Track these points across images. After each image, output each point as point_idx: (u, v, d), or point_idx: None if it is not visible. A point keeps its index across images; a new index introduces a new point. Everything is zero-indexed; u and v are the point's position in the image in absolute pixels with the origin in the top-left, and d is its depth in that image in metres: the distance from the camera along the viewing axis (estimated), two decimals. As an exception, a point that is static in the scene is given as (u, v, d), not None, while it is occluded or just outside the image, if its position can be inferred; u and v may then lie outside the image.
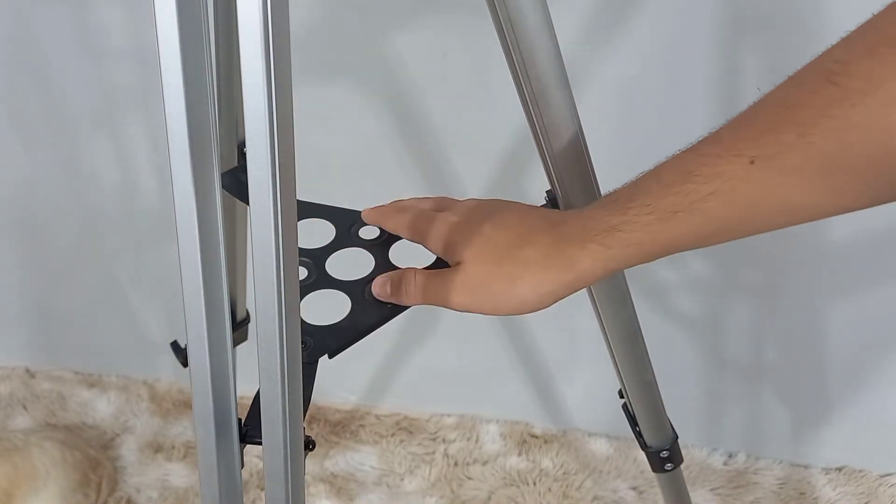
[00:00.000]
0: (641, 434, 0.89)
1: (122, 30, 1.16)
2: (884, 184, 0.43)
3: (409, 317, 0.66)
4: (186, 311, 0.49)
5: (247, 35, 0.41)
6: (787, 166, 0.44)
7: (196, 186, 0.45)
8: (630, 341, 0.80)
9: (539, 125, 0.65)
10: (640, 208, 0.51)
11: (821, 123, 0.43)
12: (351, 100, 1.16)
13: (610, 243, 0.53)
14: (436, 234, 0.62)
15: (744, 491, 1.37)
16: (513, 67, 0.64)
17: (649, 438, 0.89)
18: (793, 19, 1.01)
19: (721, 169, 0.47)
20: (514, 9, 0.59)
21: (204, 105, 0.44)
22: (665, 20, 1.04)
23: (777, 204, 0.46)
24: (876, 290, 1.23)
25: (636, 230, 0.52)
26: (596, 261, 0.54)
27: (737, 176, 0.47)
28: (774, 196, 0.46)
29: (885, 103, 0.40)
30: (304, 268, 0.67)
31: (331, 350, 0.61)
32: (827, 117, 0.42)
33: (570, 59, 0.63)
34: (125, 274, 1.44)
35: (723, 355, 1.36)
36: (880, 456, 1.37)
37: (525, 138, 0.68)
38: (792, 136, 0.44)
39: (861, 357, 1.30)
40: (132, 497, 1.38)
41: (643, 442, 0.90)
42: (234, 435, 0.55)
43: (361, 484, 1.40)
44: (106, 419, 1.49)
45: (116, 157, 1.29)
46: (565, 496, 1.37)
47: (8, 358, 1.58)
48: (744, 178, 0.46)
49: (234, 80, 0.77)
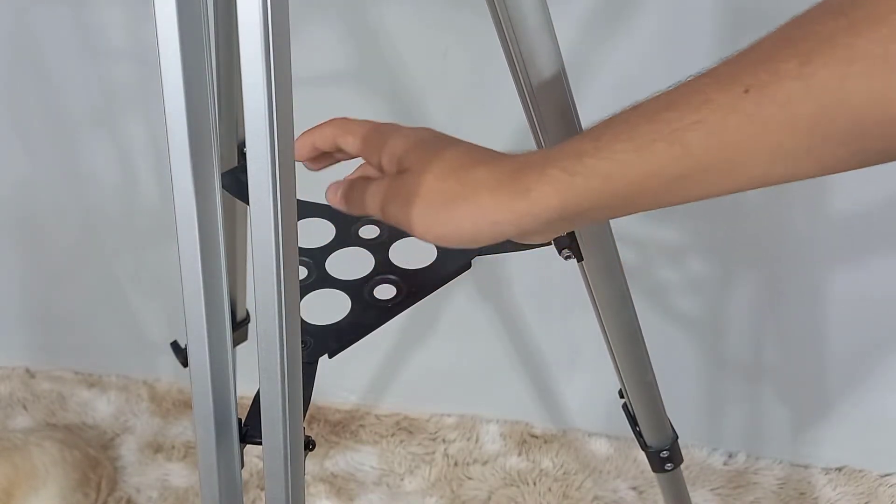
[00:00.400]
0: (641, 434, 0.89)
1: (122, 30, 1.16)
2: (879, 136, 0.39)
3: (409, 317, 0.66)
4: (186, 311, 0.49)
5: (247, 35, 0.41)
6: (784, 98, 0.40)
7: (196, 186, 0.45)
8: (630, 341, 0.80)
9: (539, 125, 0.65)
10: (613, 135, 0.46)
11: (824, 51, 0.39)
12: (351, 99, 1.16)
13: (574, 169, 0.47)
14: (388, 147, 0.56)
15: (744, 491, 1.37)
16: (513, 67, 0.64)
17: (649, 438, 0.89)
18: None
19: (711, 96, 0.43)
20: (514, 9, 0.59)
21: (204, 105, 0.44)
22: (665, 20, 1.04)
23: (766, 146, 0.41)
24: (876, 290, 1.23)
25: (605, 157, 0.46)
26: (554, 190, 0.47)
27: (727, 105, 0.42)
28: (765, 135, 0.41)
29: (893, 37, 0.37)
30: (304, 268, 0.67)
31: (331, 350, 0.61)
32: (831, 45, 0.39)
33: (570, 59, 0.63)
34: (125, 274, 1.44)
35: (723, 355, 1.36)
36: (880, 456, 1.37)
37: (525, 138, 0.68)
38: (793, 64, 0.40)
39: (861, 357, 1.30)
40: (132, 497, 1.38)
41: (643, 442, 0.90)
42: (234, 435, 0.55)
43: (361, 484, 1.40)
44: (106, 419, 1.49)
45: (116, 157, 1.29)
46: (565, 496, 1.37)
47: (8, 358, 1.58)
48: (735, 109, 0.42)
49: (234, 80, 0.77)
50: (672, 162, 0.44)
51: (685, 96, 0.44)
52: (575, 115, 0.65)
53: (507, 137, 1.16)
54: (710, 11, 1.02)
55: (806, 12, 0.42)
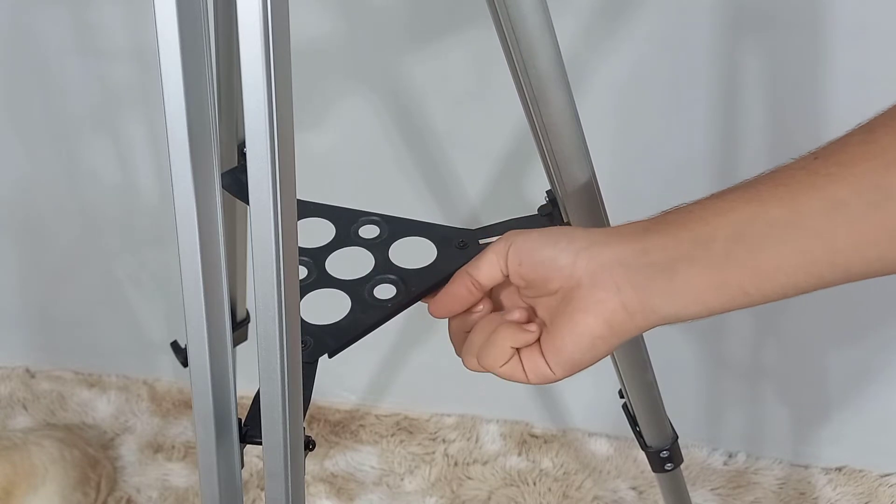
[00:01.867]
0: (641, 434, 0.89)
1: (122, 30, 1.16)
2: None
3: (409, 317, 0.66)
4: (186, 311, 0.49)
5: (247, 35, 0.41)
6: (845, 159, 0.43)
7: (196, 186, 0.45)
8: (630, 342, 0.80)
9: (539, 125, 0.65)
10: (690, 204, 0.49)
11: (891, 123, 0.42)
12: (351, 99, 1.16)
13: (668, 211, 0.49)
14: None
15: (744, 491, 1.37)
16: (513, 67, 0.64)
17: (649, 438, 0.89)
18: (793, 19, 1.01)
19: (788, 164, 0.46)
20: (514, 9, 0.59)
21: (204, 105, 0.44)
22: (665, 20, 1.04)
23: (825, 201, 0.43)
24: (876, 290, 1.23)
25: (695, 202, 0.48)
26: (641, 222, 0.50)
27: (798, 166, 0.45)
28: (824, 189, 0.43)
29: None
30: (304, 267, 0.67)
31: (331, 350, 0.61)
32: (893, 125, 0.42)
33: (570, 59, 0.63)
34: (125, 274, 1.44)
35: (723, 355, 1.36)
36: (880, 456, 1.37)
37: (525, 138, 0.68)
38: (859, 136, 0.43)
39: (861, 357, 1.30)
40: (132, 497, 1.38)
41: (643, 442, 0.90)
42: (234, 435, 0.55)
43: (361, 484, 1.40)
44: (106, 419, 1.49)
45: (116, 157, 1.29)
46: (565, 496, 1.37)
47: (8, 358, 1.58)
48: (802, 168, 0.44)
49: (234, 80, 0.77)
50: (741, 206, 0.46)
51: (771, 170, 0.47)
52: (575, 115, 0.65)
53: (507, 137, 1.16)
54: (710, 11, 1.02)
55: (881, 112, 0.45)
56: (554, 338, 0.52)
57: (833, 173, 0.43)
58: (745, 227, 0.45)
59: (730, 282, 0.46)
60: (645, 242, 0.48)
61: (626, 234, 0.50)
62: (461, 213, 1.24)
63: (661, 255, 0.48)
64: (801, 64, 1.03)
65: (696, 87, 1.08)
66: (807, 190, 0.44)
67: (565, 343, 0.51)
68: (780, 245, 0.45)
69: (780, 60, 1.03)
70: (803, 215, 0.44)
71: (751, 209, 0.45)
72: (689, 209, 0.48)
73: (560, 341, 0.51)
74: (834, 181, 0.43)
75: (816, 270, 0.45)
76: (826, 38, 1.00)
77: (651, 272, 0.48)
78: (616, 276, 0.49)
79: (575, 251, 0.50)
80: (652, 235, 0.48)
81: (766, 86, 1.05)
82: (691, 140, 1.11)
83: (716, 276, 0.46)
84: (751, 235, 0.45)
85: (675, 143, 1.13)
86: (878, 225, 0.42)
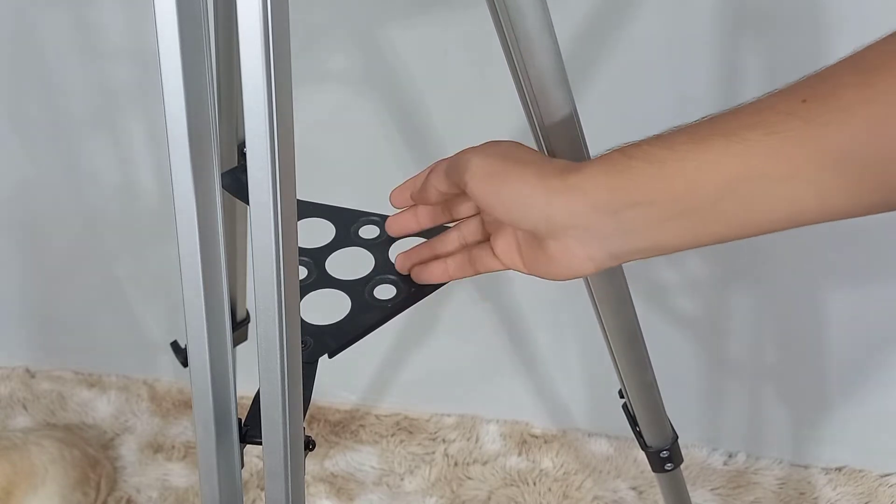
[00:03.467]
0: (641, 434, 0.89)
1: (122, 30, 1.16)
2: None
3: (409, 317, 0.66)
4: (186, 311, 0.49)
5: (247, 35, 0.41)
6: (844, 104, 0.41)
7: (196, 186, 0.45)
8: (630, 341, 0.80)
9: (539, 125, 0.65)
10: (673, 133, 0.47)
11: (889, 65, 0.40)
12: (351, 99, 1.16)
13: (630, 153, 0.48)
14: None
15: (744, 491, 1.37)
16: (513, 67, 0.64)
17: (649, 438, 0.89)
18: (793, 19, 1.01)
19: (771, 102, 0.44)
20: (514, 9, 0.59)
21: (204, 105, 0.44)
22: (665, 20, 1.04)
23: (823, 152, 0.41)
24: (876, 290, 1.23)
25: (663, 146, 0.46)
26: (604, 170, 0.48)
27: (786, 110, 0.42)
28: (822, 140, 0.41)
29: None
30: (304, 268, 0.67)
31: (331, 350, 0.61)
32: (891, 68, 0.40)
33: (570, 59, 0.63)
34: (125, 274, 1.44)
35: (723, 355, 1.36)
36: (880, 456, 1.37)
37: (525, 138, 0.68)
38: (852, 78, 0.41)
39: (861, 357, 1.30)
40: (132, 497, 1.38)
41: (643, 442, 0.90)
42: (234, 435, 0.55)
43: (361, 484, 1.40)
44: (106, 419, 1.49)
45: (116, 157, 1.29)
46: (565, 496, 1.37)
47: (8, 358, 1.58)
48: (792, 113, 0.42)
49: (234, 80, 0.77)
50: (731, 159, 0.43)
51: (745, 107, 0.45)
52: (575, 115, 0.65)
53: (506, 137, 1.16)
54: (710, 11, 1.02)
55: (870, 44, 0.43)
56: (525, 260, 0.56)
57: (830, 122, 0.41)
58: (736, 183, 0.44)
59: (712, 232, 0.46)
60: (614, 203, 0.48)
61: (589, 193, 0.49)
62: (461, 213, 1.24)
63: (636, 216, 0.47)
64: (801, 64, 1.03)
65: (696, 87, 1.08)
66: (803, 140, 0.42)
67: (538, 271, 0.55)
68: (773, 201, 0.44)
69: (780, 60, 1.03)
70: (800, 168, 0.42)
71: (741, 164, 0.43)
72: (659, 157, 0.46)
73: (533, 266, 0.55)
74: (833, 131, 0.41)
75: (804, 219, 0.44)
76: (826, 38, 1.00)
77: (625, 234, 0.49)
78: (586, 244, 0.50)
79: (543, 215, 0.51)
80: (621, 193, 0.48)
81: (767, 86, 1.05)
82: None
83: (696, 229, 0.46)
84: (743, 191, 0.44)
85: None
86: (881, 173, 0.41)
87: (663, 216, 0.46)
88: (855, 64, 0.42)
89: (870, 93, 0.40)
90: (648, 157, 0.46)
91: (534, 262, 0.55)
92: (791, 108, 0.42)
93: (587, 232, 0.50)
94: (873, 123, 0.40)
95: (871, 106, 0.40)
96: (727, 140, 0.44)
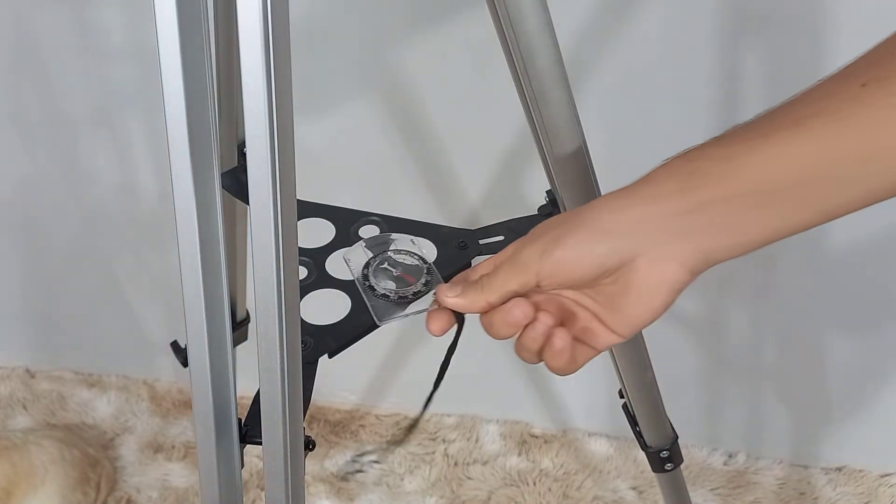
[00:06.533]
0: (641, 434, 0.89)
1: (122, 30, 1.16)
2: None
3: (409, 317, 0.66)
4: (186, 311, 0.49)
5: (247, 35, 0.41)
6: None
7: (196, 186, 0.45)
8: (630, 341, 0.80)
9: (539, 125, 0.65)
10: (735, 132, 0.46)
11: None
12: (351, 99, 1.16)
13: (692, 156, 0.47)
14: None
15: (744, 491, 1.37)
16: (513, 67, 0.64)
17: (649, 438, 0.89)
18: (793, 19, 1.01)
19: (830, 90, 0.44)
20: (514, 9, 0.59)
21: (204, 105, 0.44)
22: (665, 20, 1.04)
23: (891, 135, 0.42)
24: (875, 290, 1.23)
25: (726, 145, 0.46)
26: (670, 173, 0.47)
27: (846, 97, 0.43)
28: (890, 120, 0.41)
29: None
30: (304, 268, 0.67)
31: (331, 350, 0.61)
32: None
33: (570, 59, 0.63)
34: (125, 274, 1.44)
35: (723, 355, 1.36)
36: (880, 456, 1.37)
37: (525, 138, 0.68)
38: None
39: (861, 357, 1.30)
40: (132, 497, 1.38)
41: (643, 442, 0.90)
42: (234, 435, 0.55)
43: (361, 484, 1.40)
44: (106, 419, 1.49)
45: (116, 157, 1.29)
46: (565, 496, 1.37)
47: (8, 358, 1.58)
48: (853, 99, 0.42)
49: (234, 80, 0.77)
50: (800, 148, 0.43)
51: (802, 97, 0.45)
52: (575, 115, 0.65)
53: (507, 137, 1.16)
54: (710, 12, 1.02)
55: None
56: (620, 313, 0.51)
57: (893, 103, 0.42)
58: (812, 171, 0.44)
59: (794, 222, 0.46)
60: (689, 202, 0.46)
61: (661, 198, 0.47)
62: (461, 213, 1.24)
63: (717, 213, 0.46)
64: (801, 64, 1.03)
65: (696, 87, 1.08)
66: (871, 122, 0.42)
67: (637, 315, 0.50)
68: (850, 183, 0.44)
69: (780, 60, 1.03)
70: (870, 149, 0.43)
71: (814, 151, 0.44)
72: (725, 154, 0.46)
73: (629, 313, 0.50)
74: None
75: (883, 196, 0.44)
76: (826, 38, 1.00)
77: (710, 231, 0.47)
78: (674, 249, 0.47)
79: (617, 247, 0.48)
80: (695, 193, 0.46)
81: (767, 85, 1.05)
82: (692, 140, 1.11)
83: (779, 220, 0.46)
84: (819, 179, 0.44)
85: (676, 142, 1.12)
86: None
87: (740, 209, 0.46)
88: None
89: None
90: (713, 156, 0.46)
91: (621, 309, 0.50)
92: (851, 92, 0.43)
93: (667, 234, 0.47)
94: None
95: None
96: (793, 131, 0.44)
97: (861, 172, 0.43)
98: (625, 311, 0.50)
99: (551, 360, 0.52)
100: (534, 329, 0.52)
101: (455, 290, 0.53)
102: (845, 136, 0.43)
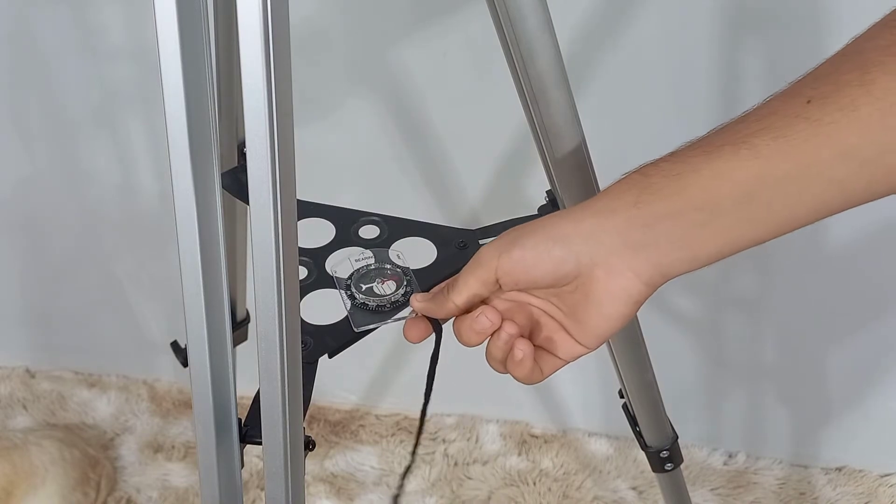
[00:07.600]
0: (641, 434, 0.89)
1: (122, 30, 1.16)
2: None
3: (409, 316, 0.66)
4: (186, 311, 0.49)
5: (247, 35, 0.41)
6: (847, 102, 0.42)
7: (196, 186, 0.45)
8: (630, 341, 0.80)
9: (539, 125, 0.65)
10: (686, 148, 0.48)
11: (885, 61, 0.41)
12: (351, 99, 1.16)
13: (647, 171, 0.48)
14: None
15: (744, 491, 1.37)
16: (513, 67, 0.65)
17: (649, 438, 0.89)
18: (793, 18, 1.01)
19: (774, 108, 0.45)
20: (514, 9, 0.59)
21: (204, 105, 0.44)
22: (665, 20, 1.04)
23: (835, 148, 0.42)
24: (875, 290, 1.23)
25: (678, 161, 0.47)
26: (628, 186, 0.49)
27: (791, 113, 0.44)
28: (832, 136, 0.42)
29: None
30: (304, 268, 0.67)
31: (331, 350, 0.61)
32: (891, 55, 0.41)
33: (570, 59, 0.63)
34: (125, 274, 1.44)
35: (723, 355, 1.36)
36: (880, 456, 1.37)
37: (525, 138, 0.68)
38: (854, 75, 0.42)
39: (861, 357, 1.30)
40: (132, 497, 1.38)
41: (643, 442, 0.90)
42: (234, 435, 0.55)
43: (361, 484, 1.40)
44: (106, 419, 1.49)
45: (116, 157, 1.29)
46: (565, 496, 1.37)
47: (8, 358, 1.58)
48: (798, 115, 0.43)
49: (234, 80, 0.77)
50: (742, 164, 0.45)
51: (751, 113, 0.46)
52: (575, 115, 0.65)
53: (507, 137, 1.16)
54: (710, 12, 1.02)
55: (863, 32, 0.44)
56: (583, 323, 0.52)
57: (837, 120, 0.42)
58: (753, 188, 0.45)
59: (743, 236, 0.47)
60: (643, 216, 0.48)
61: (618, 211, 0.49)
62: (461, 213, 1.24)
63: (668, 227, 0.47)
64: (801, 64, 1.03)
65: (696, 87, 1.08)
66: (813, 140, 0.43)
67: (598, 325, 0.51)
68: (795, 199, 0.45)
69: (781, 60, 1.03)
70: (815, 166, 0.43)
71: (755, 168, 0.44)
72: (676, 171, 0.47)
73: (591, 324, 0.52)
74: (840, 129, 0.42)
75: (829, 211, 0.45)
76: (826, 37, 1.00)
77: (663, 245, 0.48)
78: (629, 260, 0.49)
79: (573, 252, 0.50)
80: (648, 207, 0.48)
81: (767, 85, 1.05)
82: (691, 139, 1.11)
83: (727, 234, 0.47)
84: (761, 195, 0.45)
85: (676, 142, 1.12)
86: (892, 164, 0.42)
87: (692, 225, 0.47)
88: (852, 60, 0.43)
89: (871, 89, 0.42)
90: (665, 172, 0.48)
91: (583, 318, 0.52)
92: (796, 110, 0.44)
93: (622, 246, 0.49)
94: (878, 118, 0.42)
95: (874, 102, 0.42)
96: (736, 148, 0.45)
97: (804, 189, 0.44)
98: (585, 321, 0.52)
99: (513, 369, 0.54)
100: (498, 338, 0.54)
101: (426, 296, 0.57)
102: (787, 154, 0.44)
